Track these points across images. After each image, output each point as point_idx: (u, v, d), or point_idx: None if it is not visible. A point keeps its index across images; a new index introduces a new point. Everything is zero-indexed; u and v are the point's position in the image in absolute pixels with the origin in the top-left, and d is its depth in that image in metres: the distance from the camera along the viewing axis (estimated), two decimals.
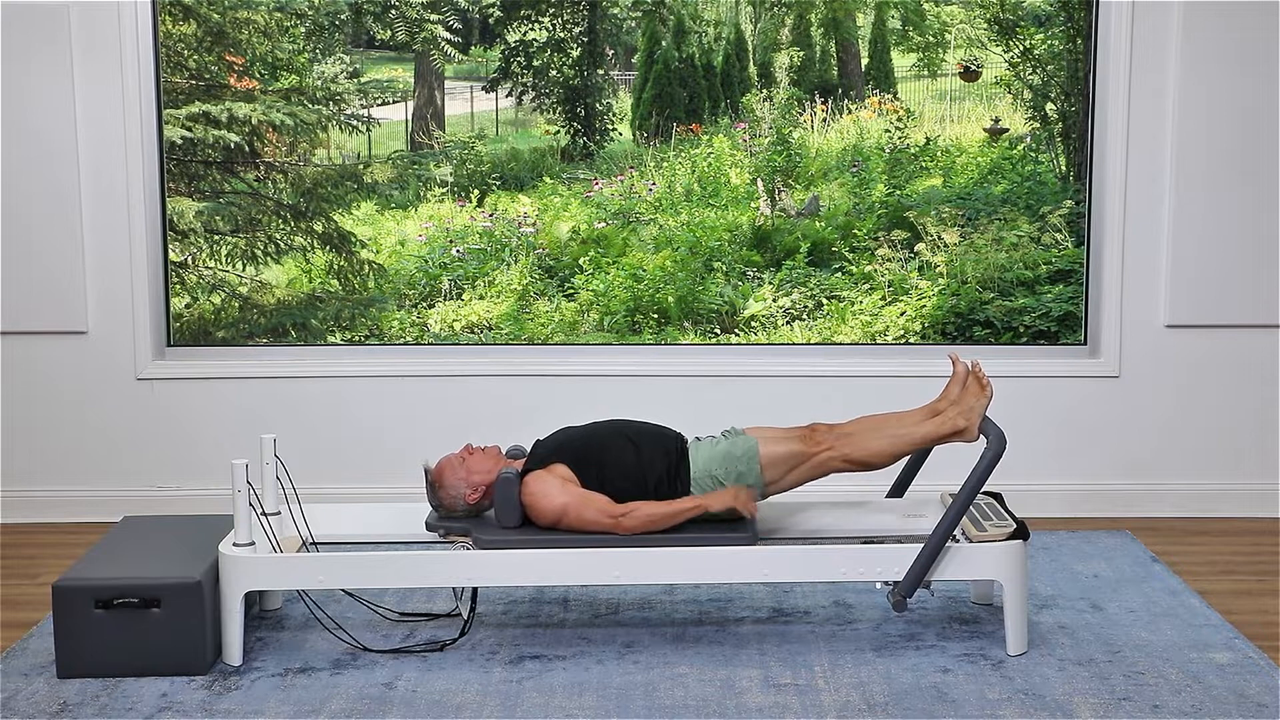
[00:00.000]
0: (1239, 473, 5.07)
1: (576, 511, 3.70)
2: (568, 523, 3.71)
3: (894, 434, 3.80)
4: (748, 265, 5.17)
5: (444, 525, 3.81)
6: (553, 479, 3.75)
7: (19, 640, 3.91)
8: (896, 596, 3.70)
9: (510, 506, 3.74)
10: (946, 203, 5.13)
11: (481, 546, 3.70)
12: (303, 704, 3.49)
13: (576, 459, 3.78)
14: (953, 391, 3.85)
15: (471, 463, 3.81)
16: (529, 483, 3.76)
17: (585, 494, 3.73)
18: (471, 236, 5.20)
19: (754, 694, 3.52)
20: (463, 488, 3.79)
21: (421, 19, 5.13)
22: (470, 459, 3.82)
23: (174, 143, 5.01)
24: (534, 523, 3.76)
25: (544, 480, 3.75)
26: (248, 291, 5.13)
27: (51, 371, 5.00)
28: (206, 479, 4.99)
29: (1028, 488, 4.97)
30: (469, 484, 3.79)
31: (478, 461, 3.82)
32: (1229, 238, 4.94)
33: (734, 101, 5.21)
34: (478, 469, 3.80)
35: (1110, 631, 3.92)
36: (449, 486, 3.80)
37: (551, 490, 3.72)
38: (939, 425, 3.78)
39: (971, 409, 3.77)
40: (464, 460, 3.82)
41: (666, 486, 3.77)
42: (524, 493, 3.75)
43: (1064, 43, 5.07)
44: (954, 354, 3.92)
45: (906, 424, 3.82)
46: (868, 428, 3.81)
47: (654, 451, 3.80)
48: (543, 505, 3.72)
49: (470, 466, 3.81)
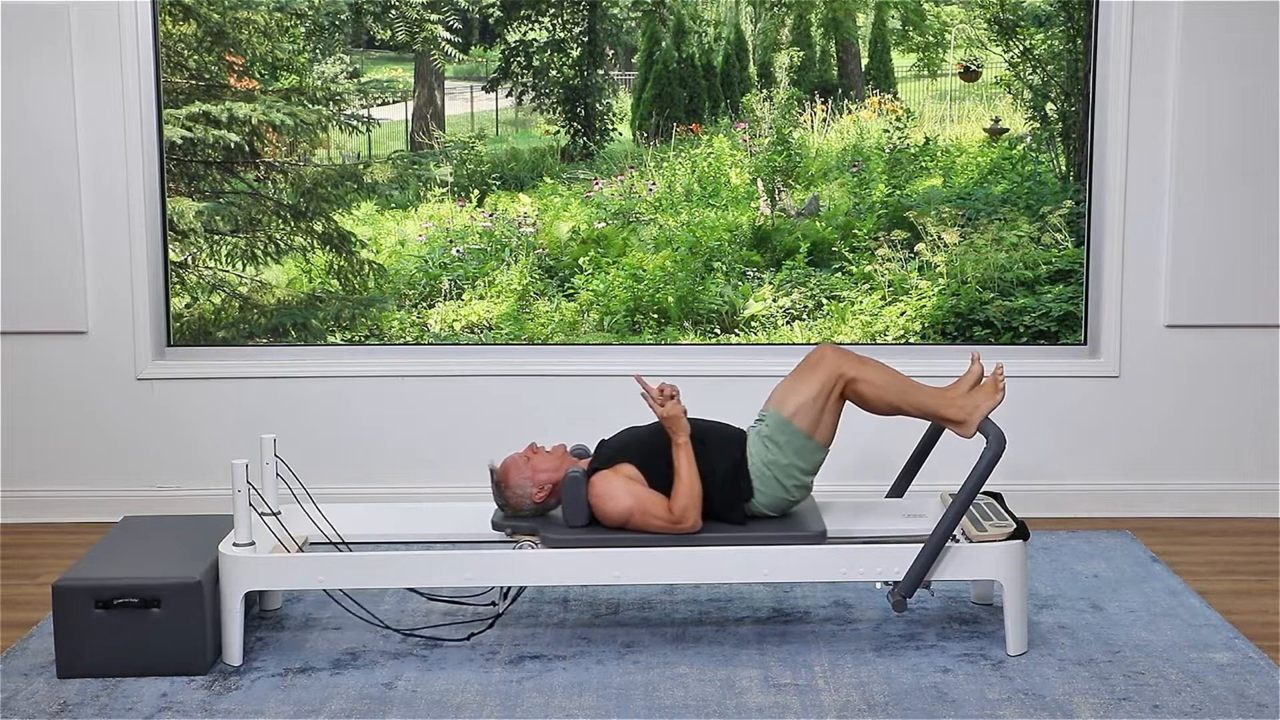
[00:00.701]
0: (1239, 473, 5.07)
1: (641, 515, 3.70)
2: (634, 525, 3.72)
3: (901, 384, 3.78)
4: (748, 265, 5.17)
5: (510, 524, 3.81)
6: (619, 480, 3.74)
7: (19, 640, 3.91)
8: (896, 596, 3.70)
9: (578, 506, 3.74)
10: (946, 203, 5.13)
11: (550, 546, 3.70)
12: (303, 704, 3.49)
13: (643, 458, 3.78)
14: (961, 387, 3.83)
15: (537, 461, 3.81)
16: (595, 483, 3.75)
17: (647, 497, 3.72)
18: (471, 236, 5.20)
19: (754, 694, 3.53)
20: (529, 487, 3.79)
21: (421, 19, 5.13)
22: (535, 458, 3.82)
23: (174, 143, 5.01)
24: (601, 522, 3.76)
25: (610, 481, 3.74)
26: (248, 291, 5.13)
27: (51, 371, 5.01)
28: (206, 479, 4.99)
29: (1028, 488, 4.97)
30: (535, 483, 3.79)
31: (543, 460, 3.81)
32: (1229, 238, 4.94)
33: (734, 101, 5.21)
34: (543, 468, 3.80)
35: (1110, 631, 3.92)
36: (515, 486, 3.79)
37: (618, 492, 3.72)
38: (941, 404, 3.77)
39: (977, 407, 3.76)
40: (529, 459, 3.81)
41: (732, 485, 3.77)
42: (591, 493, 3.75)
43: (1064, 43, 5.07)
44: (977, 354, 3.90)
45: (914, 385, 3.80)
46: (880, 366, 3.79)
47: (720, 450, 3.79)
48: (609, 507, 3.72)
49: (536, 465, 3.80)
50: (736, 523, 3.78)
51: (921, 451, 4.10)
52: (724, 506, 3.77)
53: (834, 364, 3.75)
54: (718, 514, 3.77)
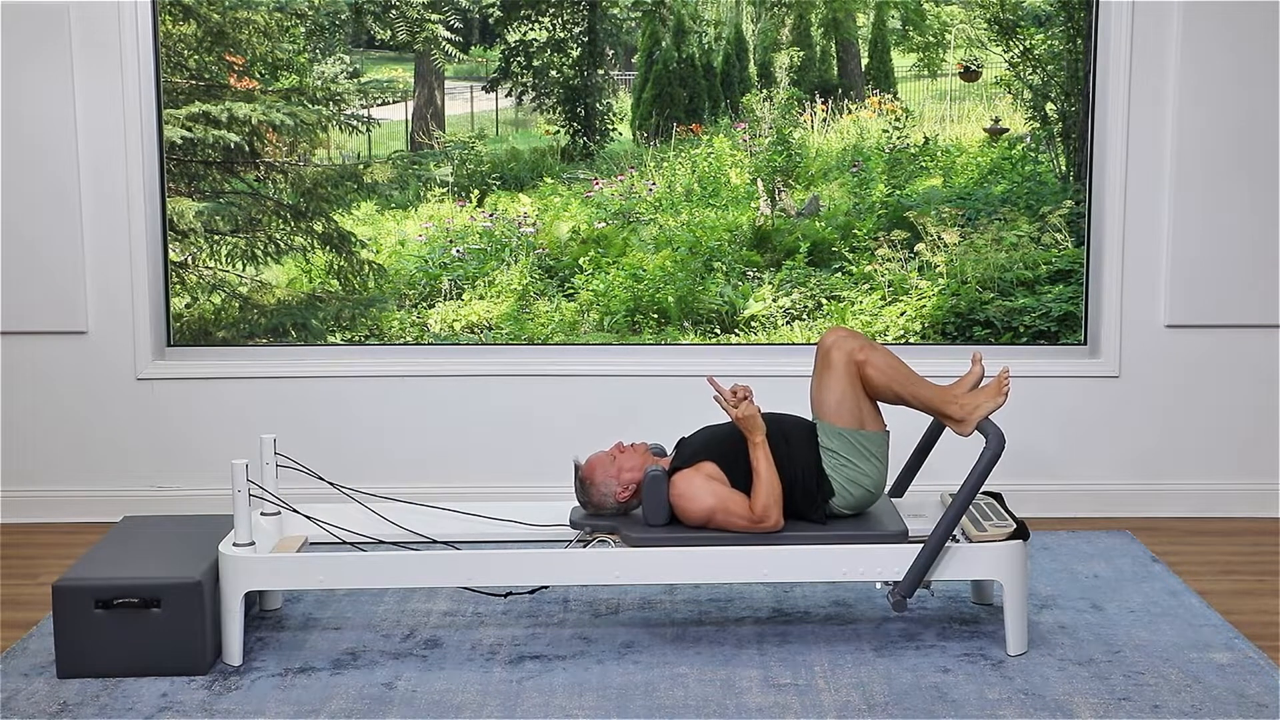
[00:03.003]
0: (1239, 473, 5.07)
1: (723, 514, 3.70)
2: (715, 524, 3.72)
3: (906, 373, 3.79)
4: (748, 265, 5.17)
5: (590, 523, 3.80)
6: (700, 479, 3.74)
7: (19, 640, 3.91)
8: (896, 596, 3.70)
9: (659, 505, 3.73)
10: (946, 203, 5.13)
11: (631, 545, 3.70)
12: (303, 704, 3.49)
13: (723, 456, 3.77)
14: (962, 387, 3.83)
15: (622, 460, 3.80)
16: (677, 482, 3.75)
17: (729, 496, 3.71)
18: (471, 236, 5.20)
19: (754, 694, 3.53)
20: (614, 485, 3.78)
21: (422, 19, 5.13)
22: (621, 457, 3.81)
23: (174, 143, 5.01)
24: (682, 522, 3.76)
25: (691, 481, 3.74)
26: (248, 291, 5.13)
27: (51, 371, 5.01)
28: (206, 479, 4.99)
29: (1028, 488, 4.97)
30: (620, 482, 3.78)
31: (628, 459, 3.81)
32: (1229, 238, 4.94)
33: (734, 101, 5.21)
34: (628, 467, 3.79)
35: (1110, 631, 3.92)
36: (600, 484, 3.79)
37: (699, 492, 3.71)
38: (943, 400, 3.77)
39: (979, 406, 3.76)
40: (614, 458, 3.81)
41: (814, 481, 3.76)
42: (672, 492, 3.74)
43: (1064, 43, 5.07)
44: (978, 355, 3.89)
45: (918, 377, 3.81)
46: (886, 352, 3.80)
47: (801, 446, 3.78)
48: (690, 507, 3.72)
49: (621, 464, 3.80)
50: (818, 522, 3.77)
51: (921, 451, 4.11)
52: (805, 506, 3.77)
53: (845, 350, 3.75)
54: (799, 513, 3.77)
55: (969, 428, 3.77)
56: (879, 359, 3.77)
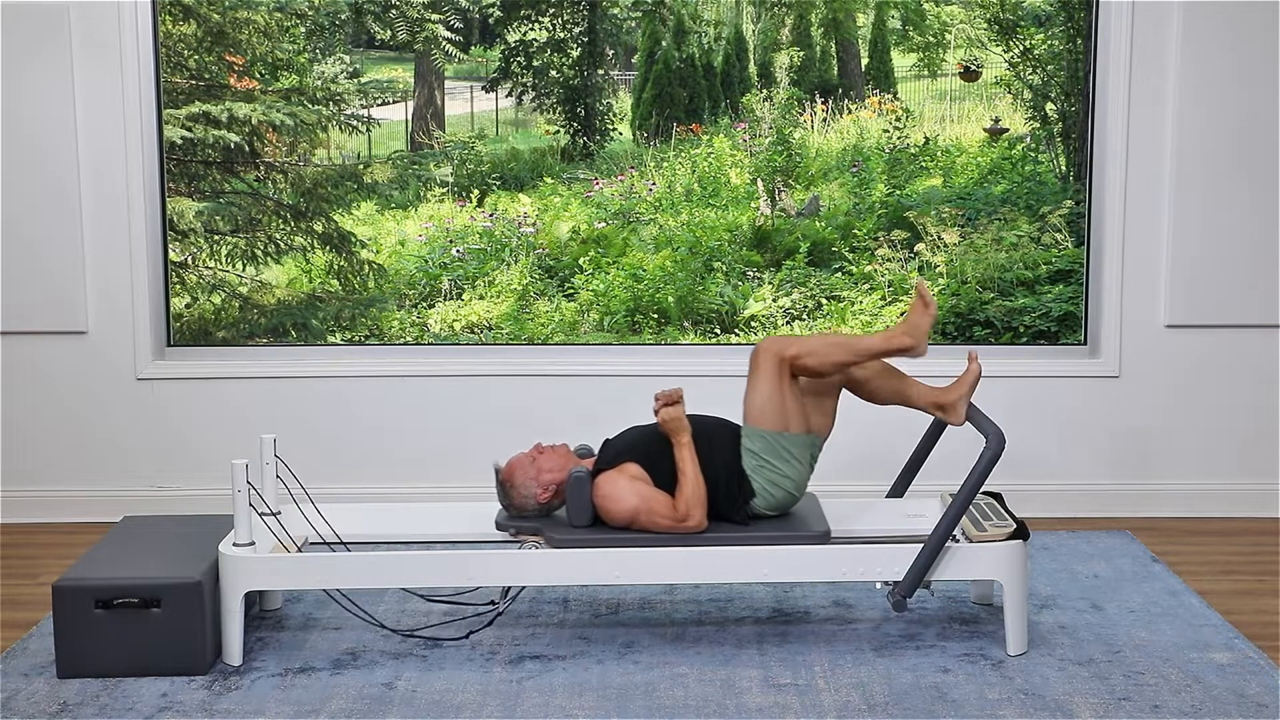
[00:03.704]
0: (1239, 473, 5.07)
1: (647, 515, 3.70)
2: (639, 525, 3.72)
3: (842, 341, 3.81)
4: (748, 265, 5.17)
5: (514, 525, 3.80)
6: (624, 480, 3.74)
7: (19, 640, 3.91)
8: (896, 596, 3.70)
9: (583, 506, 3.74)
10: (946, 203, 5.13)
11: (554, 546, 3.70)
12: (303, 704, 3.49)
13: (648, 457, 3.77)
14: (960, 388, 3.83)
15: (542, 461, 3.80)
16: (600, 483, 3.75)
17: (652, 496, 3.71)
18: (471, 236, 5.20)
19: (754, 694, 3.53)
20: (534, 487, 3.78)
21: (422, 18, 5.13)
22: (540, 458, 3.81)
23: (174, 143, 5.01)
24: (606, 522, 3.76)
25: (615, 482, 3.74)
26: (248, 291, 5.13)
27: (51, 371, 5.01)
28: (206, 479, 4.99)
29: (1028, 488, 4.97)
30: (540, 483, 3.78)
31: (548, 460, 3.81)
32: (1229, 238, 4.94)
33: (734, 101, 5.21)
34: (548, 468, 3.79)
35: (1110, 631, 3.92)
36: (520, 486, 3.79)
37: (622, 493, 3.71)
38: (887, 338, 3.77)
39: (916, 325, 3.76)
40: (534, 459, 3.81)
41: (735, 482, 3.77)
42: (596, 493, 3.74)
43: (1064, 43, 5.07)
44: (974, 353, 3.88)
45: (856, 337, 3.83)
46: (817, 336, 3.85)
47: (723, 450, 3.79)
48: (614, 508, 3.72)
49: (541, 465, 3.80)
50: (740, 523, 3.78)
51: (922, 451, 4.10)
52: (727, 506, 3.77)
53: (771, 353, 3.75)
54: (721, 514, 3.77)
55: (922, 349, 3.76)
56: (810, 345, 3.76)
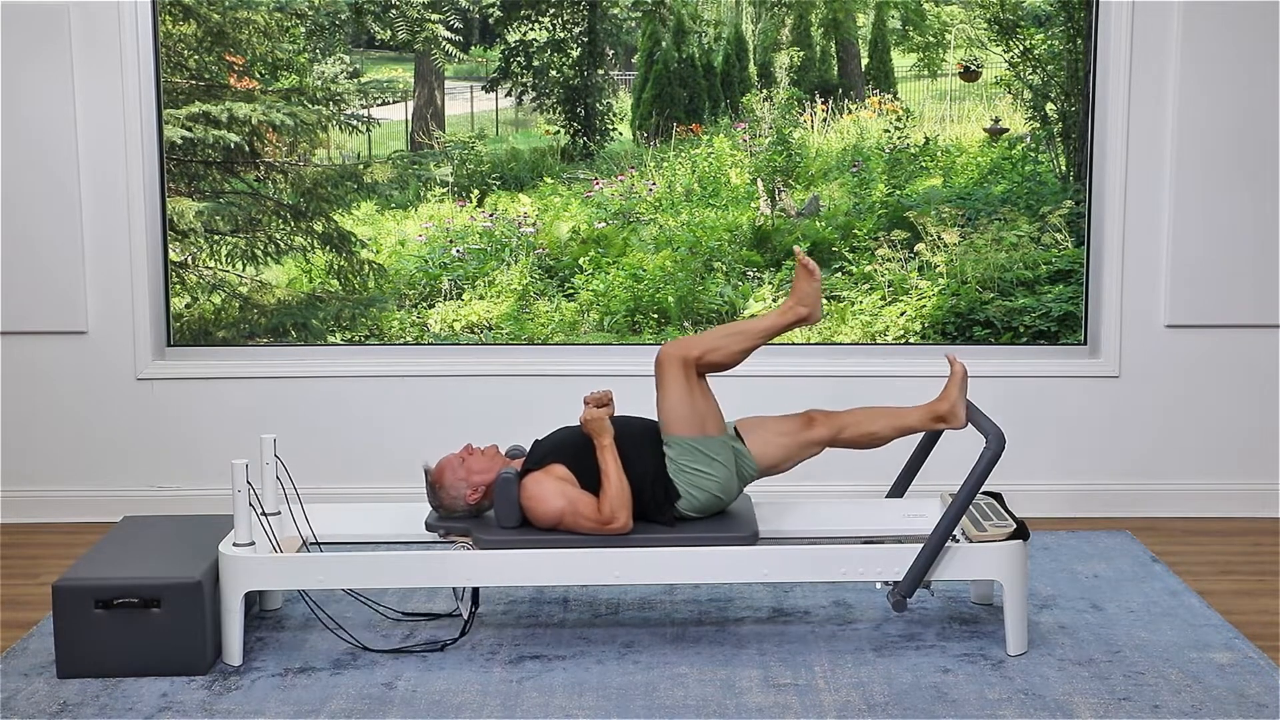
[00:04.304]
0: (1239, 473, 5.07)
1: (572, 516, 3.70)
2: (565, 526, 3.71)
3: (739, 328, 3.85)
4: (748, 265, 5.17)
5: (444, 525, 3.81)
6: (550, 481, 3.74)
7: (19, 640, 3.91)
8: (896, 596, 3.70)
9: (509, 507, 3.74)
10: (946, 203, 5.13)
11: (482, 547, 3.70)
12: (303, 704, 3.49)
13: (575, 458, 3.78)
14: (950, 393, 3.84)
15: (471, 463, 3.81)
16: (527, 485, 3.75)
17: (578, 497, 3.71)
18: (471, 236, 5.20)
19: (754, 694, 3.53)
20: (463, 488, 3.78)
21: (422, 18, 5.13)
22: (470, 459, 3.82)
23: (174, 143, 5.01)
24: (532, 524, 3.76)
25: (541, 483, 3.74)
26: (248, 291, 5.13)
27: (51, 371, 5.01)
28: (206, 479, 4.99)
29: (1028, 488, 4.97)
30: (469, 484, 3.79)
31: (477, 461, 3.81)
32: (1229, 238, 4.94)
33: (734, 101, 5.21)
34: (477, 469, 3.80)
35: (1110, 631, 3.92)
36: (449, 487, 3.79)
37: (548, 494, 3.71)
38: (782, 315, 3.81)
39: (806, 294, 3.80)
40: (464, 460, 3.81)
41: (660, 484, 3.76)
42: (523, 494, 3.74)
43: (1064, 43, 5.07)
44: (952, 355, 3.91)
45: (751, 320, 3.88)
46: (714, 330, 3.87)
47: (643, 453, 3.78)
48: (540, 509, 3.71)
49: (470, 467, 3.80)
50: (666, 524, 3.77)
51: (921, 452, 4.10)
52: (652, 509, 3.77)
53: (672, 358, 3.75)
54: (647, 515, 3.77)
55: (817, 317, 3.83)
56: (709, 340, 3.78)
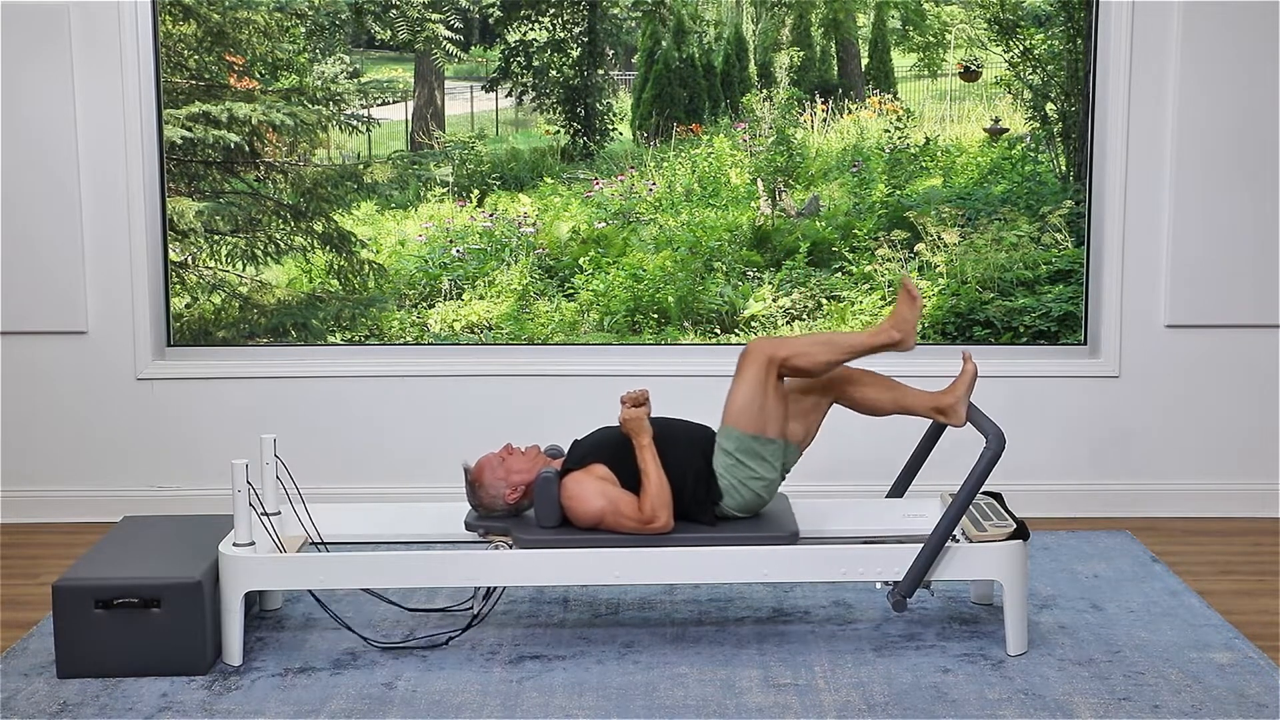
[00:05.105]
0: (1239, 473, 5.07)
1: (614, 516, 3.70)
2: (606, 525, 3.72)
3: (830, 340, 3.82)
4: (748, 265, 5.17)
5: (483, 525, 3.81)
6: (591, 480, 3.74)
7: (19, 640, 3.91)
8: (896, 596, 3.70)
9: (550, 506, 3.74)
10: (946, 203, 5.13)
11: (522, 546, 3.70)
12: (303, 704, 3.49)
13: (615, 458, 3.77)
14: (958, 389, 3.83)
15: (511, 462, 3.81)
16: (568, 484, 3.75)
17: (619, 497, 3.72)
18: (471, 236, 5.20)
19: (754, 694, 3.53)
20: (502, 487, 3.79)
21: (422, 18, 5.13)
22: (510, 459, 3.82)
23: (174, 143, 5.01)
24: (573, 523, 3.76)
25: (582, 483, 3.74)
26: (248, 291, 5.13)
27: (51, 371, 5.01)
28: (206, 479, 4.99)
29: (1028, 488, 4.97)
30: (509, 483, 3.79)
31: (517, 461, 3.81)
32: (1229, 238, 4.94)
33: (734, 101, 5.21)
34: (517, 468, 3.80)
35: (1110, 631, 3.92)
36: (488, 486, 3.79)
37: (589, 494, 3.72)
38: (874, 335, 3.78)
39: (904, 319, 3.77)
40: (504, 460, 3.81)
41: (703, 483, 3.76)
42: (563, 494, 3.74)
43: (1064, 43, 5.07)
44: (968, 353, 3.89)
45: (844, 335, 3.85)
46: (807, 336, 3.86)
47: (686, 452, 3.78)
48: (581, 509, 3.72)
49: (510, 466, 3.80)
50: (707, 524, 3.77)
51: (921, 451, 4.10)
52: (694, 508, 3.77)
53: (760, 354, 3.74)
54: (689, 515, 3.77)
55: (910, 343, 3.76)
56: (799, 345, 3.76)
